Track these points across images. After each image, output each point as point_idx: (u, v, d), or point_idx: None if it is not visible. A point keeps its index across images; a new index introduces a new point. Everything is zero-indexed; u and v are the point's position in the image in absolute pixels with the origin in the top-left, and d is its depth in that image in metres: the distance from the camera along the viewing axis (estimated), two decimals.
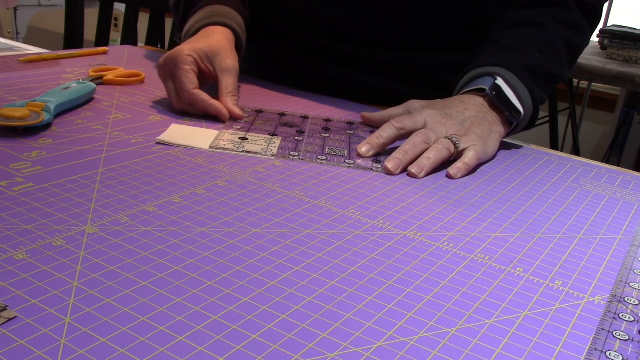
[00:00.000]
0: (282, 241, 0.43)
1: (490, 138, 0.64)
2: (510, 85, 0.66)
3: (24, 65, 0.83)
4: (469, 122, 0.63)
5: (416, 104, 0.66)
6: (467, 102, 0.66)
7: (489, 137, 0.63)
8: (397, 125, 0.62)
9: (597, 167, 0.66)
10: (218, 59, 0.69)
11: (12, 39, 2.05)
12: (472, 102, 0.66)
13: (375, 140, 0.62)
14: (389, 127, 0.63)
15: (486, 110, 0.66)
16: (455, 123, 0.63)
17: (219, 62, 0.70)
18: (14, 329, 0.31)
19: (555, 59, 0.72)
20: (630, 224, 0.52)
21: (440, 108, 0.65)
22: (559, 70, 0.72)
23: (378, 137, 0.62)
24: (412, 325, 0.35)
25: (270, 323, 0.34)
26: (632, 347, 0.35)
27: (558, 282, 0.41)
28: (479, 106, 0.66)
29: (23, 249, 0.38)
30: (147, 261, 0.39)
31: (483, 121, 0.64)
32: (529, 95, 0.67)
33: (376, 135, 0.62)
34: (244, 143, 0.61)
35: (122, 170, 0.52)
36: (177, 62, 0.67)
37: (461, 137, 0.61)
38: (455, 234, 0.47)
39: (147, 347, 0.31)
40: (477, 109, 0.65)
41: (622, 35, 2.04)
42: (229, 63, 0.70)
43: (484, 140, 0.62)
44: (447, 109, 0.64)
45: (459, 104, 0.65)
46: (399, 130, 0.62)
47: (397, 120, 0.63)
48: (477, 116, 0.64)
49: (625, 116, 2.46)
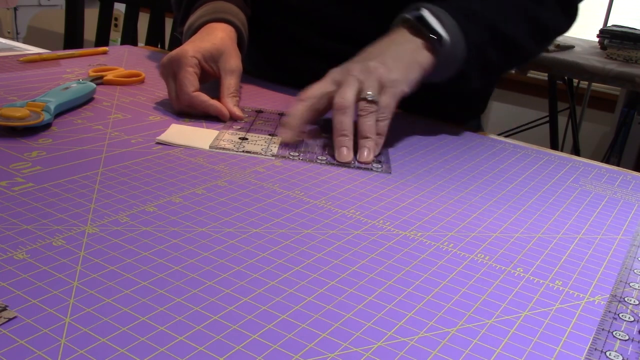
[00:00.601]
0: (282, 241, 0.43)
1: (403, 63, 0.62)
2: (435, 15, 0.65)
3: (24, 65, 0.83)
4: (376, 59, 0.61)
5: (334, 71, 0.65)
6: (382, 39, 0.65)
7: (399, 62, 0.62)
8: (301, 98, 0.62)
9: (597, 167, 0.66)
10: (222, 60, 0.70)
11: (12, 39, 2.05)
12: (390, 36, 0.65)
13: (289, 121, 0.62)
14: (295, 104, 0.62)
15: (403, 41, 0.64)
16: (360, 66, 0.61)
17: (223, 63, 0.70)
18: (14, 329, 0.31)
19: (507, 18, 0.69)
20: (630, 224, 0.52)
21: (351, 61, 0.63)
22: (511, 30, 0.69)
23: (290, 118, 0.62)
24: (412, 325, 0.35)
25: (270, 323, 0.34)
26: (632, 347, 0.35)
27: (558, 282, 0.41)
28: (397, 36, 0.65)
29: (23, 249, 0.38)
30: (147, 261, 0.39)
31: (397, 46, 0.63)
32: (458, 28, 0.65)
33: (291, 118, 0.62)
34: (244, 143, 0.61)
35: (122, 170, 0.52)
36: (181, 63, 0.67)
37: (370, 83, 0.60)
38: (455, 234, 0.47)
39: (147, 347, 0.31)
40: (391, 40, 0.64)
41: (622, 35, 2.04)
42: (233, 64, 0.70)
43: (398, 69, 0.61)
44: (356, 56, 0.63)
45: (370, 47, 0.64)
46: (305, 101, 0.62)
47: (301, 94, 0.62)
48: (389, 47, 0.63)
49: (625, 116, 2.46)
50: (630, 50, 2.00)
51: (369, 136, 0.60)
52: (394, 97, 0.61)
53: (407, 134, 0.71)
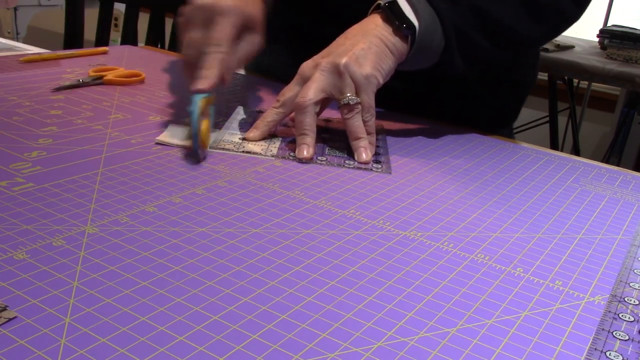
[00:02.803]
0: (282, 241, 0.43)
1: (374, 53, 0.61)
2: (409, 2, 0.63)
3: (24, 65, 0.83)
4: (346, 55, 0.60)
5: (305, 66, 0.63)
6: (355, 27, 0.64)
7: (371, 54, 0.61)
8: (274, 106, 0.62)
9: (597, 167, 0.66)
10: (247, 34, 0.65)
11: (12, 39, 2.05)
12: (362, 24, 0.64)
13: (258, 121, 0.63)
14: (269, 110, 0.63)
15: (374, 29, 0.63)
16: (330, 65, 0.60)
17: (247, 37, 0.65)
18: (14, 329, 0.31)
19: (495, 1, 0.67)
20: (630, 224, 0.52)
21: (321, 55, 0.62)
22: (497, 11, 0.66)
23: (260, 119, 0.62)
24: (412, 325, 0.35)
25: (270, 323, 0.34)
26: (632, 347, 0.35)
27: (558, 282, 0.41)
28: (369, 24, 0.63)
29: (23, 249, 0.38)
30: (147, 261, 0.39)
31: (368, 37, 0.62)
32: (434, 16, 0.63)
33: (261, 119, 0.63)
34: (244, 143, 0.61)
35: (122, 170, 0.52)
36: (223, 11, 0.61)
37: (344, 86, 0.59)
38: (455, 234, 0.47)
39: (147, 347, 0.31)
40: (362, 29, 0.63)
41: (622, 35, 2.04)
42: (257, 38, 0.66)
43: (370, 61, 0.60)
44: (327, 48, 0.63)
45: (342, 37, 0.63)
46: (277, 108, 0.62)
47: (275, 101, 0.62)
48: (360, 39, 0.61)
49: (625, 116, 2.46)
50: (630, 50, 2.00)
51: (360, 136, 0.60)
52: (371, 92, 0.61)
53: (408, 134, 0.71)
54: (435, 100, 0.80)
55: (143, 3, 1.40)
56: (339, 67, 0.60)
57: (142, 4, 1.40)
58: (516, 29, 0.69)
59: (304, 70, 0.62)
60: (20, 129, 0.59)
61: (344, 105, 0.60)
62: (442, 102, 0.66)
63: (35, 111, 0.64)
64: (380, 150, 0.63)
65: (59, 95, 0.71)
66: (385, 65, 0.62)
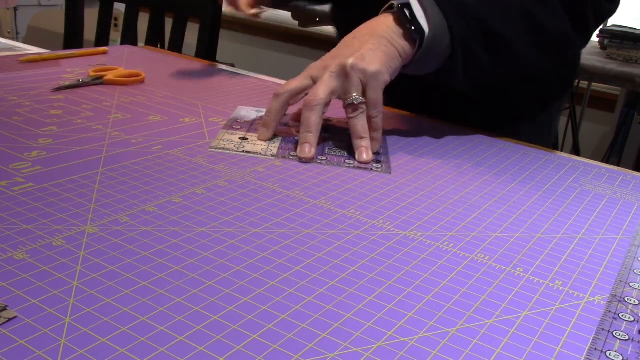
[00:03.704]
0: (282, 241, 0.43)
1: (382, 52, 0.61)
2: (422, 5, 0.63)
3: (24, 65, 0.83)
4: (354, 55, 0.60)
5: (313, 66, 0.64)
6: (366, 24, 0.64)
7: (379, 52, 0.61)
8: (277, 93, 0.62)
9: (597, 167, 0.66)
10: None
11: (12, 39, 2.05)
12: (373, 21, 0.64)
13: (265, 118, 0.62)
14: (271, 100, 0.62)
15: (385, 29, 0.63)
16: (338, 66, 0.60)
17: None
18: (14, 329, 0.31)
19: (502, 16, 0.67)
20: (630, 224, 0.52)
21: (330, 55, 0.63)
22: (502, 28, 0.67)
23: (267, 114, 0.62)
24: (412, 325, 0.35)
25: (270, 323, 0.34)
26: (632, 347, 0.35)
27: (558, 282, 0.41)
28: (380, 23, 0.63)
29: (23, 249, 0.38)
30: (147, 261, 0.39)
31: (377, 38, 0.62)
32: (444, 22, 0.63)
33: (266, 114, 0.62)
34: (244, 143, 0.61)
35: (122, 170, 0.52)
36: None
37: (351, 86, 0.59)
38: (455, 234, 0.47)
39: (147, 347, 0.31)
40: (372, 28, 0.63)
41: (622, 35, 2.04)
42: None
43: (378, 59, 0.60)
44: (336, 48, 0.63)
45: (351, 36, 0.64)
46: (280, 96, 0.62)
47: (277, 89, 0.62)
48: (369, 39, 0.62)
49: (625, 116, 2.46)
50: (630, 50, 2.00)
51: (363, 136, 0.60)
52: (379, 90, 0.61)
53: (407, 134, 0.71)
54: (442, 101, 0.79)
55: (143, 3, 1.40)
56: (345, 68, 0.60)
57: (142, 4, 1.40)
58: (518, 47, 0.69)
59: (313, 71, 0.62)
60: (20, 129, 0.59)
61: (349, 105, 0.60)
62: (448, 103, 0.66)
63: (35, 111, 0.64)
64: (380, 150, 0.63)
65: (59, 95, 0.71)
66: (392, 65, 0.62)
